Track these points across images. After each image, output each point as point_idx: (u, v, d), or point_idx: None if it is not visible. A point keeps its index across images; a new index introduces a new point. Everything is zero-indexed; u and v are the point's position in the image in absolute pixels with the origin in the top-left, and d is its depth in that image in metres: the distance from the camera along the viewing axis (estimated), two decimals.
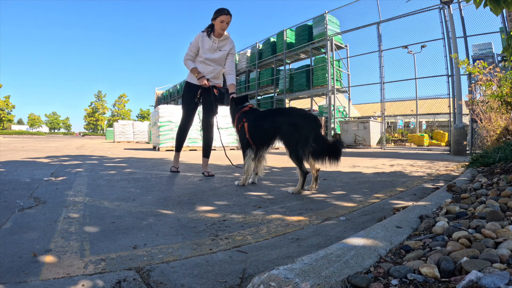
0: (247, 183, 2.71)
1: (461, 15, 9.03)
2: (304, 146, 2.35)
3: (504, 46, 2.76)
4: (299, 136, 2.36)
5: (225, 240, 1.32)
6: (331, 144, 2.43)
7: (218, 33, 3.22)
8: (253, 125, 2.62)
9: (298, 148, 2.36)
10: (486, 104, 4.62)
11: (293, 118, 2.43)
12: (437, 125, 23.28)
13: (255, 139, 2.61)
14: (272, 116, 2.61)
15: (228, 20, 3.15)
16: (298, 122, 2.38)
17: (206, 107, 3.41)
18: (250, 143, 2.64)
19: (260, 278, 0.73)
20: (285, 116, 2.49)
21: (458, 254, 0.85)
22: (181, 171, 3.66)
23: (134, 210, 1.80)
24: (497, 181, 1.97)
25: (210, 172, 3.37)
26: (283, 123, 2.45)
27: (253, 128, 2.62)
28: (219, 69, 3.36)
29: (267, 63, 16.08)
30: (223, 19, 3.12)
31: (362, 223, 1.55)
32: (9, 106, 56.17)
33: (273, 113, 2.65)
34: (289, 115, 2.48)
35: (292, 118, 2.43)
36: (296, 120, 2.40)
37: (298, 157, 2.37)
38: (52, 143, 13.62)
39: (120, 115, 65.63)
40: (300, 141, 2.35)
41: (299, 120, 2.40)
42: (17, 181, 2.72)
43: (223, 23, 3.13)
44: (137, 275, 0.96)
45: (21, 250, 1.16)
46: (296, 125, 2.38)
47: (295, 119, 2.41)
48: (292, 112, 2.51)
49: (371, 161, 5.50)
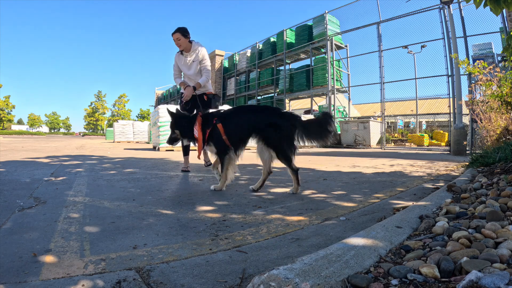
0: (224, 187, 2.51)
1: (461, 15, 9.03)
2: (291, 145, 2.34)
3: (504, 46, 2.76)
4: (282, 135, 2.32)
5: (225, 240, 1.32)
6: (319, 121, 2.38)
7: (184, 49, 3.58)
8: (229, 125, 2.46)
9: (286, 148, 2.33)
10: (486, 104, 4.61)
11: (272, 118, 2.37)
12: (437, 125, 23.28)
13: (234, 138, 2.45)
14: (247, 113, 2.53)
15: (176, 37, 3.48)
16: (278, 122, 2.34)
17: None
18: (227, 144, 2.47)
19: (260, 278, 0.73)
20: (263, 115, 2.42)
21: (458, 254, 0.85)
22: (181, 171, 3.67)
23: (134, 210, 1.80)
24: (497, 181, 1.97)
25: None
26: (261, 122, 2.37)
27: (231, 128, 2.45)
28: (198, 79, 3.63)
29: (267, 63, 16.08)
30: (174, 39, 3.51)
31: (362, 223, 1.55)
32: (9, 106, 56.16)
33: (247, 111, 2.59)
34: (268, 114, 2.42)
35: (272, 117, 2.38)
36: (275, 119, 2.35)
37: (287, 156, 2.34)
38: (52, 143, 13.61)
39: (120, 115, 65.61)
40: (284, 140, 2.32)
41: (278, 119, 2.35)
42: (17, 181, 2.72)
43: (176, 41, 3.51)
44: (137, 275, 0.96)
45: (21, 250, 1.16)
46: (276, 124, 2.33)
47: (274, 119, 2.36)
48: (270, 111, 2.46)
49: (371, 161, 5.50)
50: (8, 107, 56.05)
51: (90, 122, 71.08)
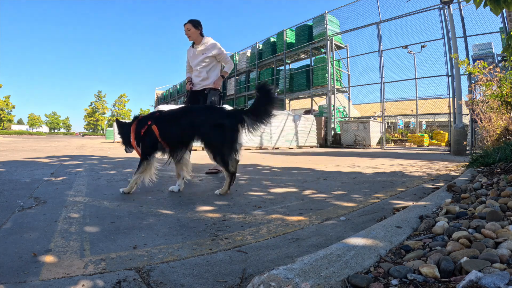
0: (132, 191, 2.33)
1: (461, 15, 9.03)
2: (231, 148, 2.27)
3: (504, 46, 2.76)
4: (223, 138, 2.26)
5: (225, 240, 1.32)
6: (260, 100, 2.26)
7: (193, 41, 3.63)
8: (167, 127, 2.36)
9: (224, 152, 2.26)
10: (486, 104, 4.61)
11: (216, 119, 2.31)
12: (437, 125, 23.28)
13: (171, 141, 2.37)
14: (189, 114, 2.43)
15: (186, 28, 3.53)
16: (222, 122, 2.27)
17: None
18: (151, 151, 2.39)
19: (260, 278, 0.73)
20: (206, 116, 2.35)
21: (458, 254, 0.85)
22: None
23: (134, 210, 1.80)
24: (497, 181, 1.97)
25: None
26: (204, 123, 2.31)
27: (168, 130, 2.36)
28: (204, 71, 3.60)
29: (267, 63, 16.08)
30: (185, 29, 3.57)
31: (362, 223, 1.55)
32: (9, 106, 56.12)
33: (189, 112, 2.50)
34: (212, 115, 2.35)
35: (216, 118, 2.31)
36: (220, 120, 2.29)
37: (224, 160, 2.27)
38: (52, 143, 13.62)
39: (120, 115, 65.60)
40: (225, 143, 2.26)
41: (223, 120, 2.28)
42: (17, 181, 2.72)
43: (186, 32, 3.57)
44: (137, 275, 0.96)
45: (21, 250, 1.16)
46: (220, 125, 2.27)
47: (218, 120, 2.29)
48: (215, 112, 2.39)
49: (371, 161, 5.50)
50: (8, 107, 56.01)
51: (90, 122, 71.09)
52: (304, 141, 11.86)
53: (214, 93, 3.54)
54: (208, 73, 3.59)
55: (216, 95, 3.53)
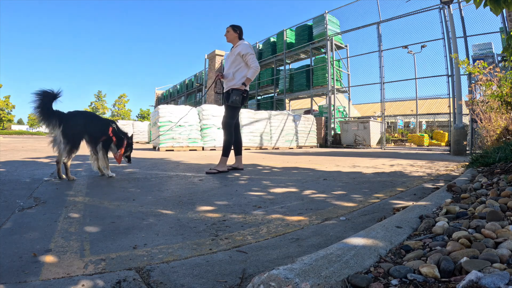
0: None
1: (461, 15, 9.03)
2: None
3: (504, 46, 2.76)
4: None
5: (225, 240, 1.32)
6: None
7: (230, 42, 3.86)
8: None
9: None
10: (486, 104, 4.61)
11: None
12: (437, 125, 23.29)
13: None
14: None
15: (227, 30, 3.81)
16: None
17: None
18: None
19: (260, 278, 0.73)
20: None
21: (458, 254, 0.85)
22: (181, 171, 3.67)
23: (134, 210, 1.80)
24: (497, 181, 1.97)
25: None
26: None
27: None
28: (231, 72, 3.74)
29: (267, 63, 16.08)
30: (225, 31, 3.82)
31: (362, 223, 1.55)
32: (9, 106, 56.02)
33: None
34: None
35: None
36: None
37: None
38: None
39: (120, 115, 65.54)
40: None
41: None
42: (17, 181, 2.72)
43: (226, 33, 3.82)
44: (137, 275, 0.96)
45: (21, 250, 1.16)
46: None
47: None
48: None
49: (371, 161, 5.50)
50: (8, 107, 55.93)
51: None
52: (304, 141, 11.86)
53: (237, 92, 3.60)
54: (234, 74, 3.69)
55: (238, 94, 3.59)
